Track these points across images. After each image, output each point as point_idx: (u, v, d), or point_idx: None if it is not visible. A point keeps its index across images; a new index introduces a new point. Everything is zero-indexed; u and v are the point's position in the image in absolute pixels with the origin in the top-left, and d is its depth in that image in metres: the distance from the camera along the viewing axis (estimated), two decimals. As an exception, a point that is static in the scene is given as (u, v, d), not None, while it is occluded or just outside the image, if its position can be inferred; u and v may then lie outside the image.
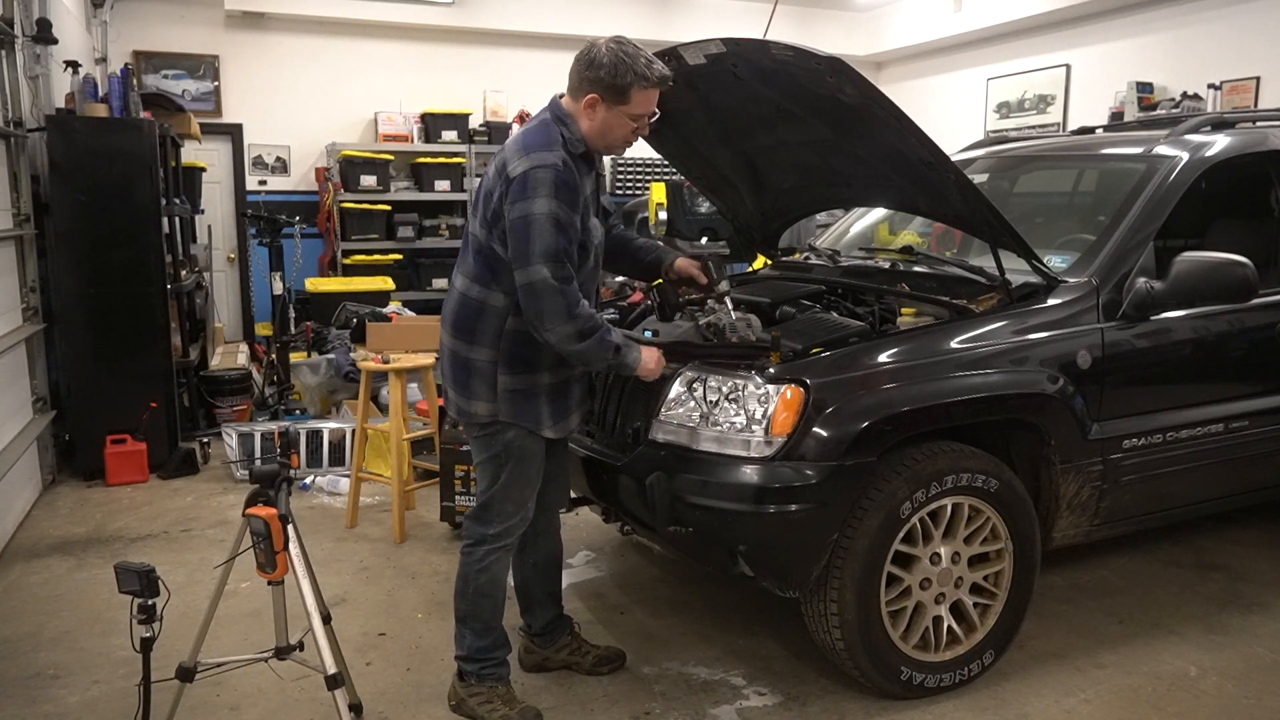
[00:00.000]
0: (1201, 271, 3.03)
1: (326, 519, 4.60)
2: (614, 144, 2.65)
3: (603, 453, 3.07)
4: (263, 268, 7.02)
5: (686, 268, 3.04)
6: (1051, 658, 3.15)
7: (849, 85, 2.69)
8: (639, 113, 2.58)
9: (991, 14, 9.40)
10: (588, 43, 2.57)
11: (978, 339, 2.88)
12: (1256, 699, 2.92)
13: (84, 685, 3.03)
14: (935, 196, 3.19)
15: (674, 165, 4.12)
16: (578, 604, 3.59)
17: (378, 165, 8.97)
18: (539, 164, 2.46)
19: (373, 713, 2.85)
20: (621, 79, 2.50)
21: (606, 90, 2.52)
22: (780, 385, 2.67)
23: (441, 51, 9.73)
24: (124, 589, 2.31)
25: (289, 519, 2.38)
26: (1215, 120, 3.66)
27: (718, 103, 3.39)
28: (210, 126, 8.62)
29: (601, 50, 2.52)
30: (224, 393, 6.16)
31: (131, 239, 5.22)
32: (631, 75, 2.50)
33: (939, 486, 2.75)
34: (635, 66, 2.50)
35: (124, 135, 5.22)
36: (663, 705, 2.89)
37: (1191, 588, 3.69)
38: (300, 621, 2.46)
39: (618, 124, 2.58)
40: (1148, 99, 8.09)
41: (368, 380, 4.55)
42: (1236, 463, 3.40)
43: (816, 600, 2.78)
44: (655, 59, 2.59)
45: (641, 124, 2.62)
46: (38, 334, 5.05)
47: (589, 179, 2.63)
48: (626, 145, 2.69)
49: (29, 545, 4.25)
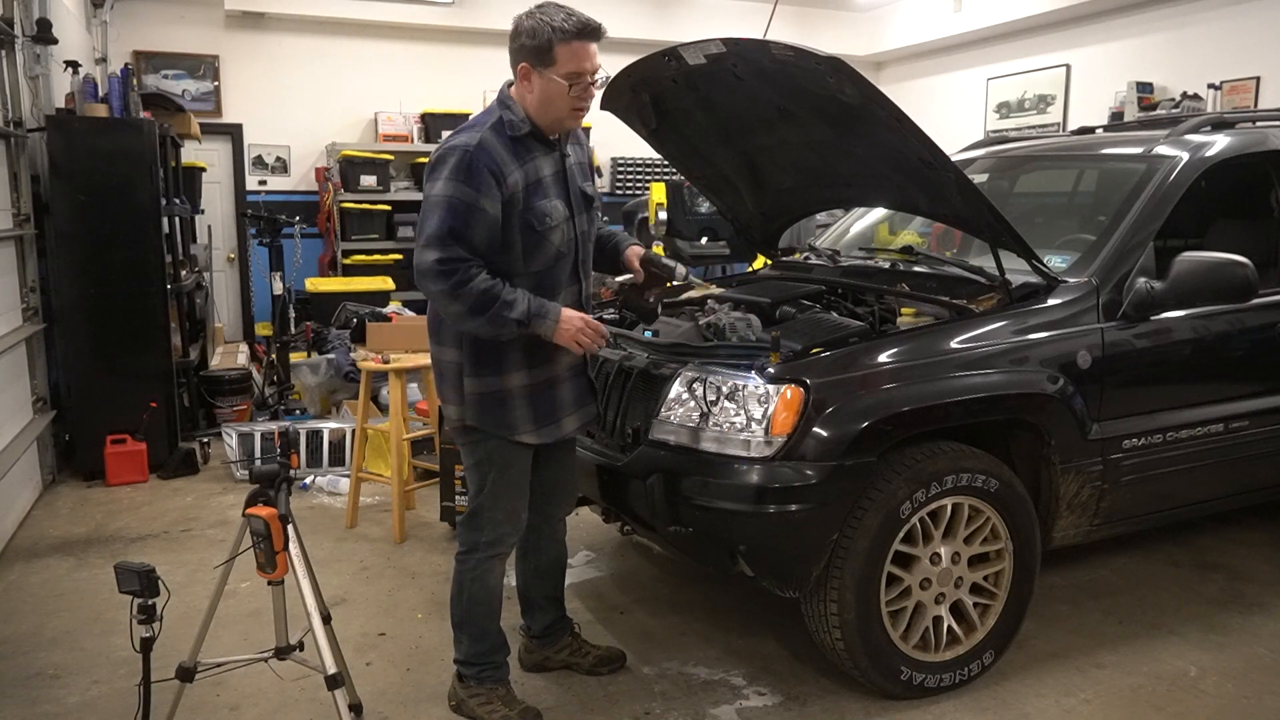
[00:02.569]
0: (1201, 271, 3.03)
1: (326, 519, 4.60)
2: (560, 114, 2.52)
3: (602, 453, 3.07)
4: (263, 268, 7.02)
5: (631, 259, 2.85)
6: (1051, 658, 3.15)
7: (849, 85, 2.69)
8: (570, 70, 2.46)
9: (991, 14, 9.40)
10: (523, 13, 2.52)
11: (978, 339, 2.88)
12: (1256, 699, 2.92)
13: (84, 685, 3.03)
14: (935, 196, 3.19)
15: (674, 165, 4.11)
16: (577, 604, 3.59)
17: (378, 165, 8.97)
18: (447, 147, 2.45)
19: (373, 713, 2.85)
20: (541, 38, 2.44)
21: (531, 55, 2.47)
22: (780, 385, 2.67)
23: (441, 51, 9.73)
24: (124, 589, 2.31)
25: (289, 519, 2.38)
26: (1215, 120, 3.66)
27: (718, 103, 3.39)
28: (210, 126, 8.62)
29: (522, 18, 2.49)
30: (224, 393, 6.16)
31: (131, 239, 5.22)
32: (549, 31, 2.43)
33: (939, 486, 2.75)
34: (552, 22, 2.44)
35: (124, 135, 5.22)
36: (663, 705, 2.89)
37: (1191, 588, 3.69)
38: (300, 621, 2.46)
39: (555, 90, 2.48)
40: (1148, 99, 8.09)
41: (368, 380, 4.55)
42: (1236, 463, 3.40)
43: (816, 600, 2.78)
44: (578, 12, 2.48)
45: (580, 85, 2.49)
46: (38, 334, 5.05)
47: (543, 160, 2.55)
48: (576, 115, 2.54)
49: (29, 545, 4.25)
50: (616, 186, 10.58)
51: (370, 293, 7.74)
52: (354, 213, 8.85)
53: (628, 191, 10.48)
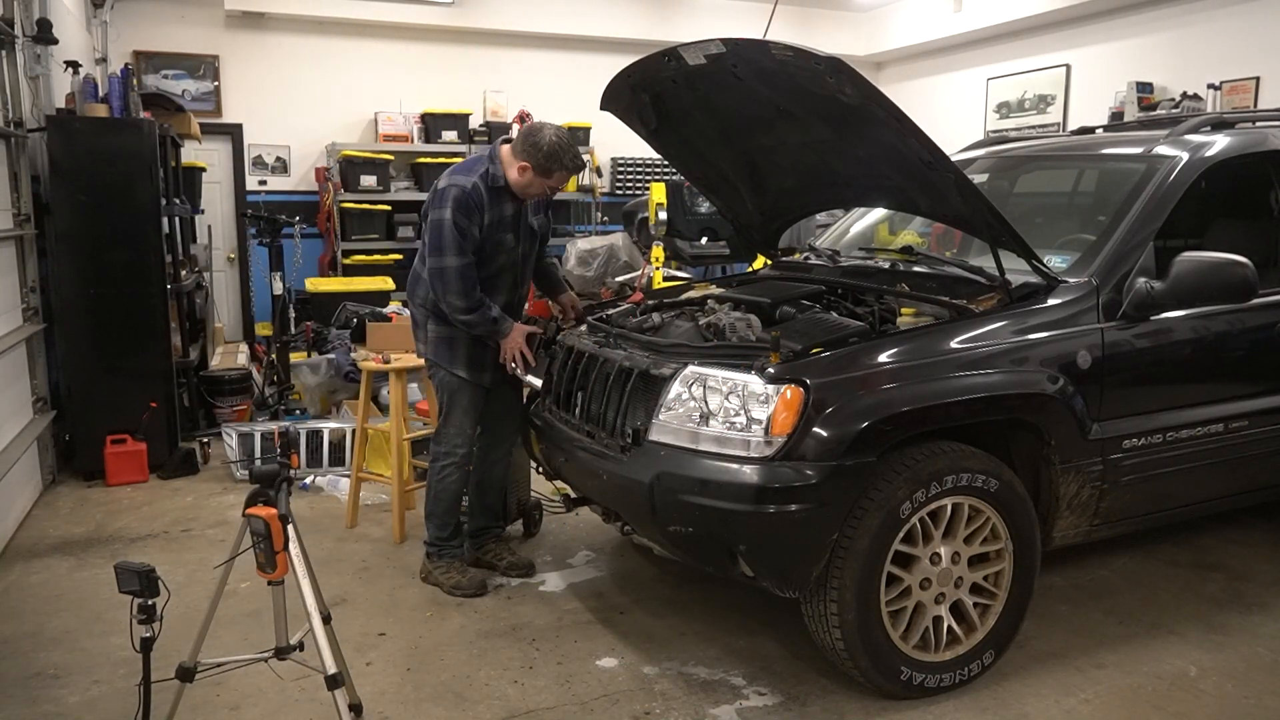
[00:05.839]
0: (1201, 271, 3.03)
1: (326, 519, 4.60)
2: (530, 196, 3.51)
3: (603, 453, 3.07)
4: (263, 268, 7.01)
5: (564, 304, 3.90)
6: (1051, 658, 3.15)
7: (849, 85, 2.69)
8: (555, 185, 3.48)
9: (991, 14, 9.41)
10: (539, 123, 3.48)
11: (978, 339, 2.88)
12: (1256, 699, 2.92)
13: (84, 685, 3.03)
14: (935, 196, 3.19)
15: (674, 165, 4.12)
16: (577, 604, 3.59)
17: (378, 165, 8.98)
18: (451, 184, 3.39)
19: (373, 713, 2.85)
20: (551, 164, 3.39)
21: (537, 163, 3.39)
22: (780, 385, 2.67)
23: (441, 51, 9.74)
24: (124, 589, 2.31)
25: (289, 519, 2.38)
26: (1215, 120, 3.66)
27: (718, 103, 3.39)
28: (210, 126, 8.63)
29: (547, 136, 3.38)
30: (224, 393, 6.15)
31: (131, 239, 5.21)
32: (558, 164, 3.39)
33: (939, 486, 2.75)
34: (564, 159, 3.39)
35: (124, 135, 5.22)
36: (663, 705, 2.90)
37: (1191, 588, 3.69)
38: (300, 621, 2.46)
39: (537, 186, 3.46)
40: (1148, 99, 8.09)
41: (368, 380, 4.55)
42: (1236, 463, 3.40)
43: (816, 600, 2.78)
44: (579, 154, 3.48)
45: (551, 192, 3.53)
46: (38, 334, 5.05)
47: (508, 205, 3.49)
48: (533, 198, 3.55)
49: (29, 545, 4.25)
50: (616, 186, 10.58)
51: (370, 293, 7.74)
52: (354, 213, 8.86)
53: (628, 191, 10.47)
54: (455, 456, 3.64)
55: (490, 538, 3.94)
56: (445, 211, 3.35)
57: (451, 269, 3.36)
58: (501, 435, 3.85)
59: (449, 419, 3.63)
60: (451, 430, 3.63)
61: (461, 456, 3.65)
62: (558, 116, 9.83)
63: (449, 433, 3.63)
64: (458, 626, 3.41)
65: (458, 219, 3.35)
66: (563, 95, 9.90)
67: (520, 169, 3.40)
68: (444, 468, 3.64)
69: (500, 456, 3.90)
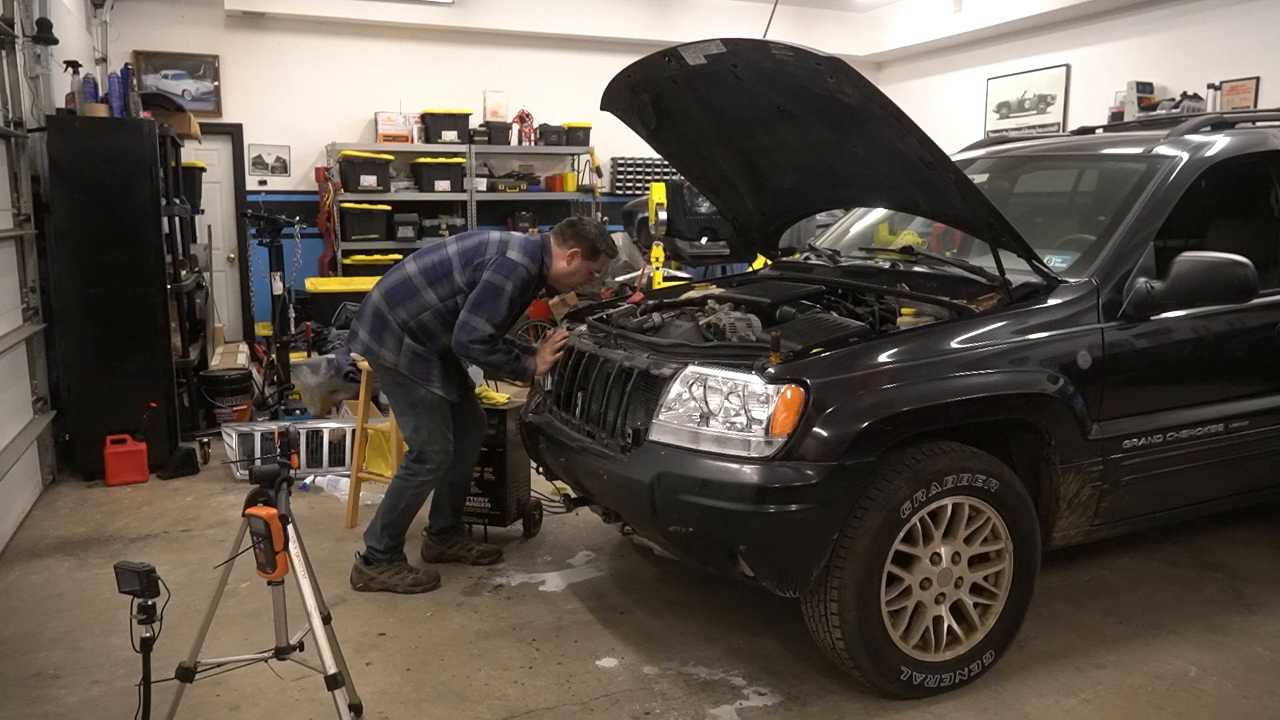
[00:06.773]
0: (1201, 271, 3.03)
1: (326, 519, 4.60)
2: (571, 285, 3.86)
3: (603, 453, 3.07)
4: (263, 268, 7.01)
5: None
6: (1051, 658, 3.15)
7: (849, 85, 2.69)
8: (599, 269, 3.80)
9: (991, 14, 9.41)
10: (580, 216, 3.96)
11: (978, 339, 2.88)
12: (1256, 699, 2.92)
13: (84, 685, 3.03)
14: (935, 196, 3.19)
15: (674, 165, 4.12)
16: (577, 604, 3.59)
17: (378, 165, 8.97)
18: (521, 262, 3.63)
19: (373, 713, 2.85)
20: (599, 246, 3.73)
21: (588, 250, 3.71)
22: (780, 385, 2.67)
23: (441, 51, 9.74)
24: (124, 589, 2.31)
25: (289, 519, 2.38)
26: (1215, 120, 3.66)
27: (718, 103, 3.39)
28: (210, 126, 8.63)
29: (590, 227, 3.74)
30: (224, 393, 6.15)
31: (131, 239, 5.21)
32: (605, 246, 3.75)
33: (939, 486, 2.75)
34: (605, 244, 3.75)
35: (124, 135, 5.22)
36: (663, 705, 2.89)
37: (1191, 588, 3.69)
38: (300, 621, 2.46)
39: (582, 273, 3.75)
40: (1148, 99, 8.09)
41: (368, 380, 4.54)
42: (1236, 463, 3.40)
43: (816, 600, 2.78)
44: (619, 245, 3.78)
45: (594, 277, 3.84)
46: (38, 334, 5.05)
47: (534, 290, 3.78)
48: (574, 289, 3.94)
49: (29, 545, 4.25)
50: (616, 186, 10.58)
51: (370, 293, 7.71)
52: (354, 213, 8.86)
53: (628, 191, 10.48)
54: (440, 470, 3.72)
55: (456, 534, 4.05)
56: (508, 284, 3.57)
57: (487, 333, 3.54)
58: (473, 438, 3.96)
59: (430, 435, 3.67)
60: (435, 447, 3.68)
61: (441, 468, 3.73)
62: (558, 116, 9.87)
63: (433, 450, 3.68)
64: (458, 626, 3.41)
65: (514, 295, 3.59)
66: (563, 95, 9.91)
67: (570, 256, 3.68)
68: (424, 482, 3.70)
69: (472, 459, 4.01)
